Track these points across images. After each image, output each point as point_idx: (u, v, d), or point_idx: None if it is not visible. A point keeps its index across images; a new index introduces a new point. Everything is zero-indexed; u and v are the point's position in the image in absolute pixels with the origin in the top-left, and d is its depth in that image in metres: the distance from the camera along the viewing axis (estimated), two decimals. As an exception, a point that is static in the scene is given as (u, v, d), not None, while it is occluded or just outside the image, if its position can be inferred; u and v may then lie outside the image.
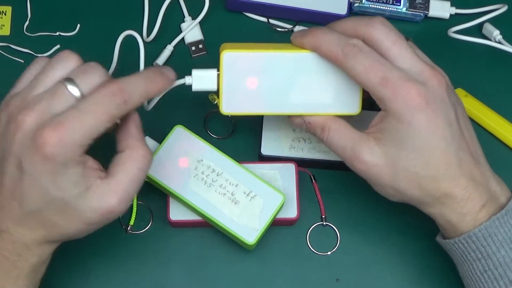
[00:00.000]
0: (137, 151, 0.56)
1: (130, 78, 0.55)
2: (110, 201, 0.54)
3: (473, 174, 0.58)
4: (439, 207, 0.58)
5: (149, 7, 0.73)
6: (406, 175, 0.57)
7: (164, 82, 0.57)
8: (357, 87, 0.60)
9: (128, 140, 0.56)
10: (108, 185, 0.55)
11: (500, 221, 0.57)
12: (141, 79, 0.56)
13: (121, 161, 0.56)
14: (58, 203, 0.54)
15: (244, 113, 0.61)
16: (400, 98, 0.56)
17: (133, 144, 0.56)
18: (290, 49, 0.60)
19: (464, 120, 0.59)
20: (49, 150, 0.52)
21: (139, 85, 0.55)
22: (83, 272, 0.66)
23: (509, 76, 0.74)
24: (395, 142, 0.57)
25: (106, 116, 0.53)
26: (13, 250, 0.55)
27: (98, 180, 0.54)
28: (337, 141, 0.60)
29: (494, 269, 0.57)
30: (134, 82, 0.55)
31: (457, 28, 0.73)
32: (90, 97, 0.53)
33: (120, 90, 0.54)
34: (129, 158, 0.56)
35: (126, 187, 0.55)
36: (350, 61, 0.57)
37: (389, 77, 0.56)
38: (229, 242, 0.67)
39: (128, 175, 0.55)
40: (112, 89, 0.53)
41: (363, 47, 0.57)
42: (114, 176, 0.55)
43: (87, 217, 0.55)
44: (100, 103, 0.53)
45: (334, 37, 0.58)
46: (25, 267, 0.56)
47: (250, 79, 0.60)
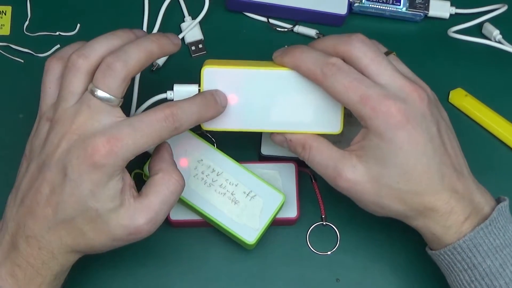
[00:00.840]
0: (170, 175, 0.58)
1: (184, 104, 0.57)
2: (139, 220, 0.56)
3: (456, 187, 0.58)
4: (423, 220, 0.59)
5: (149, 7, 0.73)
6: (389, 191, 0.58)
7: (217, 110, 0.59)
8: (339, 106, 0.60)
9: (162, 165, 0.58)
10: (140, 205, 0.56)
11: (484, 231, 0.57)
12: (195, 107, 0.57)
13: (155, 183, 0.57)
14: (91, 213, 0.55)
15: (225, 129, 0.62)
16: (380, 116, 0.56)
17: (167, 168, 0.58)
18: (271, 67, 0.60)
19: (448, 133, 0.60)
20: (100, 159, 0.53)
21: (192, 113, 0.57)
22: (83, 272, 0.66)
23: (509, 76, 0.74)
24: (377, 160, 0.57)
25: (157, 139, 0.55)
26: (39, 257, 0.55)
27: (132, 198, 0.56)
28: (319, 160, 0.60)
29: (481, 279, 0.58)
30: (188, 109, 0.57)
31: (457, 28, 0.73)
32: (145, 117, 0.55)
33: (173, 116, 0.55)
34: (162, 181, 0.57)
35: (157, 208, 0.56)
36: (329, 80, 0.57)
37: (369, 94, 0.56)
38: (229, 242, 0.67)
39: (159, 197, 0.57)
40: (166, 113, 0.55)
41: (342, 65, 0.57)
42: (146, 196, 0.56)
43: (114, 233, 0.56)
44: (153, 126, 0.55)
45: (313, 56, 0.58)
46: (48, 275, 0.56)
47: (230, 95, 0.60)
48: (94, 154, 0.53)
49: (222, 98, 0.60)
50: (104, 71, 0.55)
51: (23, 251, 0.55)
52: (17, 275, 0.55)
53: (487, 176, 0.63)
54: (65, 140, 0.54)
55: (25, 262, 0.55)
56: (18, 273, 0.55)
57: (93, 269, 0.66)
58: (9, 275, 0.55)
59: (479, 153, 0.70)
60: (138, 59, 0.55)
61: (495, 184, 0.63)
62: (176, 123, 0.56)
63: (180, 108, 0.56)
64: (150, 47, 0.56)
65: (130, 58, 0.55)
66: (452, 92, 0.73)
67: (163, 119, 0.55)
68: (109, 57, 0.55)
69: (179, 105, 0.56)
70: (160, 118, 0.55)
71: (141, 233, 0.57)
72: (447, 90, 0.73)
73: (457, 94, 0.72)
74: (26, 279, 0.55)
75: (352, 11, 0.74)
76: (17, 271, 0.55)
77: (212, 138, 0.69)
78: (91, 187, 0.54)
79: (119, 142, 0.53)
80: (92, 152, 0.53)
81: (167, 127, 0.55)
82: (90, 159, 0.53)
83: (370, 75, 0.57)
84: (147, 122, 0.55)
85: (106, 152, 0.53)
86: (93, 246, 0.56)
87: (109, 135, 0.54)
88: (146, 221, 0.56)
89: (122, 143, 0.53)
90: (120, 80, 0.55)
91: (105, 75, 0.55)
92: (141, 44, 0.56)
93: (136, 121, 0.55)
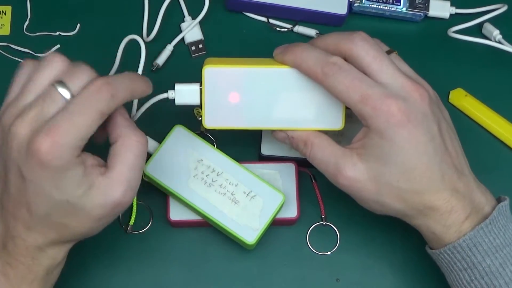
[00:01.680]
0: (129, 138, 0.55)
1: (115, 75, 0.55)
2: (114, 194, 0.54)
3: (456, 186, 0.58)
4: (423, 219, 0.59)
5: (149, 7, 0.73)
6: (389, 190, 0.58)
7: (146, 84, 0.57)
8: (340, 102, 0.60)
9: (117, 130, 0.56)
10: (109, 179, 0.54)
11: (484, 230, 0.57)
12: (125, 76, 0.56)
13: (117, 152, 0.55)
14: (64, 206, 0.54)
15: (227, 127, 0.62)
16: (381, 115, 0.56)
17: (124, 132, 0.56)
18: (272, 65, 0.60)
19: (449, 132, 0.60)
20: (44, 156, 0.51)
21: (124, 81, 0.55)
22: (83, 272, 0.66)
23: (509, 76, 0.74)
24: (377, 158, 0.57)
25: (96, 113, 0.53)
26: (27, 254, 0.55)
27: (100, 176, 0.54)
28: (320, 156, 0.60)
29: (481, 279, 0.58)
30: (119, 78, 0.55)
31: (457, 28, 0.73)
32: (78, 97, 0.53)
33: (105, 84, 0.53)
34: (123, 147, 0.55)
35: (128, 176, 0.55)
36: (330, 80, 0.57)
37: (369, 94, 0.56)
38: (229, 242, 0.67)
39: (126, 164, 0.55)
40: (98, 84, 0.53)
41: (343, 65, 0.57)
42: (113, 168, 0.55)
43: (95, 214, 0.55)
44: (88, 101, 0.53)
45: (314, 55, 0.58)
46: (40, 270, 0.56)
47: (232, 94, 0.60)
48: (37, 152, 0.51)
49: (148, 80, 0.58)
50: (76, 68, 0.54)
51: (11, 251, 0.55)
52: (8, 274, 0.55)
53: (487, 176, 0.63)
54: (15, 141, 0.53)
55: (15, 261, 0.55)
56: (9, 271, 0.55)
57: (93, 269, 0.66)
58: (1, 273, 0.55)
59: (479, 153, 0.70)
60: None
61: (496, 184, 0.63)
62: (111, 90, 0.53)
63: (111, 77, 0.54)
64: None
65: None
66: (452, 92, 0.73)
67: (96, 90, 0.53)
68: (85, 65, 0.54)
69: (109, 76, 0.54)
70: (93, 90, 0.53)
71: (121, 205, 0.55)
72: (447, 90, 0.73)
73: (457, 94, 0.72)
74: (18, 277, 0.55)
75: (352, 11, 0.74)
76: (8, 270, 0.55)
77: (212, 137, 0.69)
78: (51, 183, 0.53)
79: (57, 132, 0.51)
80: (36, 151, 0.51)
81: (102, 97, 0.53)
82: (36, 157, 0.52)
83: (372, 74, 0.57)
84: (80, 100, 0.53)
85: (48, 147, 0.51)
86: (80, 233, 0.56)
87: (47, 128, 0.52)
88: (121, 192, 0.55)
89: (60, 131, 0.52)
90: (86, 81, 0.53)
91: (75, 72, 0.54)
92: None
93: (71, 104, 0.53)
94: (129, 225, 0.68)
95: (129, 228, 0.68)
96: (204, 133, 0.68)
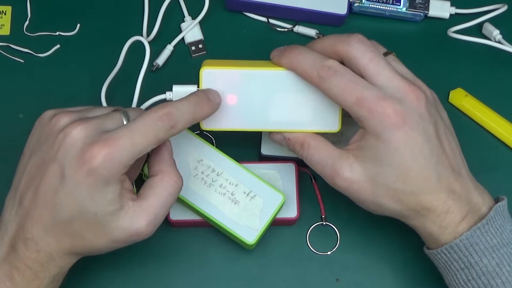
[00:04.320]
0: (169, 176, 0.58)
1: (178, 104, 0.57)
2: (139, 223, 0.56)
3: (453, 187, 0.58)
4: (420, 220, 0.59)
5: (149, 7, 0.73)
6: (386, 191, 0.58)
7: (211, 107, 0.59)
8: (337, 105, 0.60)
9: (161, 165, 0.58)
10: (139, 208, 0.56)
11: (481, 230, 0.57)
12: (189, 106, 0.58)
13: (153, 185, 0.57)
14: (90, 217, 0.55)
15: (224, 129, 0.62)
16: (377, 117, 0.56)
17: (166, 169, 0.58)
18: (269, 67, 0.60)
19: (446, 133, 0.60)
20: (96, 165, 0.53)
21: (186, 112, 0.57)
22: (83, 272, 0.66)
23: (509, 76, 0.74)
24: (374, 159, 0.57)
25: (154, 138, 0.55)
26: (37, 259, 0.55)
27: (131, 201, 0.56)
28: (317, 158, 0.60)
29: (478, 278, 0.58)
30: (182, 108, 0.57)
31: (457, 28, 0.73)
32: (140, 119, 0.55)
33: (168, 115, 0.56)
34: (161, 182, 0.57)
35: (156, 211, 0.57)
36: (326, 83, 0.57)
37: (365, 96, 0.56)
38: (229, 242, 0.67)
39: (158, 199, 0.57)
40: (161, 113, 0.55)
41: (338, 68, 0.57)
42: (145, 199, 0.57)
43: (114, 236, 0.56)
44: (149, 125, 0.55)
45: (310, 59, 0.58)
46: (46, 278, 0.56)
47: (230, 96, 0.61)
48: (91, 158, 0.53)
49: (215, 95, 0.60)
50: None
51: (21, 254, 0.55)
52: (15, 278, 0.55)
53: (487, 176, 0.63)
54: (65, 141, 0.54)
55: (23, 265, 0.55)
56: (16, 276, 0.55)
57: (93, 270, 0.66)
58: (7, 277, 0.55)
59: (479, 153, 0.70)
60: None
61: (495, 184, 0.63)
62: (172, 122, 0.56)
63: (175, 107, 0.56)
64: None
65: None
66: (452, 92, 0.73)
67: (158, 119, 0.55)
68: None
69: (174, 105, 0.56)
70: (156, 118, 0.55)
71: (141, 235, 0.57)
72: (447, 90, 0.73)
73: (457, 94, 0.72)
74: (24, 282, 0.55)
75: (352, 11, 0.74)
76: (15, 274, 0.55)
77: (211, 137, 0.69)
78: (88, 191, 0.54)
79: (116, 143, 0.53)
80: (90, 156, 0.53)
81: (163, 126, 0.55)
82: (87, 163, 0.53)
83: (368, 76, 0.57)
84: (143, 123, 0.55)
85: (103, 156, 0.53)
86: (92, 248, 0.56)
87: (106, 138, 0.54)
88: (146, 223, 0.56)
89: (118, 144, 0.54)
90: None
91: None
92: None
93: (132, 123, 0.55)
94: (129, 225, 0.68)
95: (129, 228, 0.68)
96: (203, 132, 0.68)
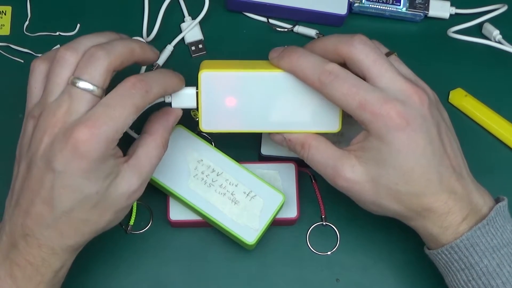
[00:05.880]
0: (160, 137, 0.58)
1: (148, 72, 0.58)
2: (135, 182, 0.57)
3: (454, 188, 0.58)
4: (421, 220, 0.59)
5: (149, 7, 0.73)
6: (387, 192, 0.58)
7: (178, 79, 0.60)
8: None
9: (156, 125, 0.59)
10: (133, 167, 0.57)
11: (481, 230, 0.57)
12: (158, 73, 0.58)
13: (144, 144, 0.58)
14: (91, 198, 0.55)
15: (224, 130, 0.62)
16: (380, 119, 0.56)
17: (158, 129, 0.59)
18: (269, 68, 0.60)
19: (448, 134, 0.60)
20: (82, 146, 0.53)
21: (157, 77, 0.57)
22: (83, 272, 0.66)
23: (509, 76, 0.74)
24: (376, 161, 0.57)
25: (133, 107, 0.55)
26: (38, 254, 0.55)
27: (125, 164, 0.57)
28: (318, 159, 0.60)
29: (478, 279, 0.58)
30: (152, 74, 0.57)
31: (457, 28, 0.73)
32: (114, 92, 0.55)
33: (140, 81, 0.55)
34: (152, 141, 0.58)
35: (148, 169, 0.58)
36: (327, 88, 0.57)
37: (367, 100, 0.56)
38: (229, 242, 0.67)
39: (149, 158, 0.58)
40: (132, 80, 0.55)
41: (339, 72, 0.57)
42: (138, 157, 0.57)
43: (117, 204, 0.56)
44: (124, 96, 0.55)
45: (310, 63, 0.58)
46: (48, 273, 0.56)
47: (229, 98, 0.61)
48: (76, 143, 0.53)
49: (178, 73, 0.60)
50: (86, 60, 0.55)
51: (22, 250, 0.55)
52: (16, 275, 0.55)
53: (487, 176, 0.63)
54: (47, 134, 0.54)
55: (24, 261, 0.55)
56: (17, 272, 0.55)
57: (93, 270, 0.66)
58: (8, 275, 0.55)
59: (479, 153, 0.70)
60: (121, 51, 0.56)
61: (495, 184, 0.63)
62: (146, 87, 0.56)
63: (144, 74, 0.57)
64: (133, 46, 0.57)
65: (113, 49, 0.56)
66: (452, 92, 0.73)
67: (131, 87, 0.55)
68: (93, 48, 0.56)
69: (143, 73, 0.57)
70: (129, 87, 0.55)
71: (136, 195, 0.57)
72: (447, 90, 0.73)
73: (457, 94, 0.72)
74: (25, 279, 0.55)
75: (352, 11, 0.74)
76: (16, 271, 0.55)
77: (209, 138, 0.69)
78: (83, 175, 0.54)
79: (96, 124, 0.53)
80: (74, 142, 0.53)
81: (137, 93, 0.55)
82: (73, 149, 0.53)
83: (371, 77, 0.57)
84: (116, 94, 0.55)
85: (87, 138, 0.53)
86: (97, 228, 0.57)
87: (86, 119, 0.53)
88: (140, 182, 0.57)
89: (99, 122, 0.53)
90: (102, 68, 0.55)
91: (87, 64, 0.55)
92: (125, 40, 0.58)
93: (106, 98, 0.55)
94: (129, 225, 0.68)
95: (129, 228, 0.68)
96: (202, 133, 0.68)
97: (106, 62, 0.55)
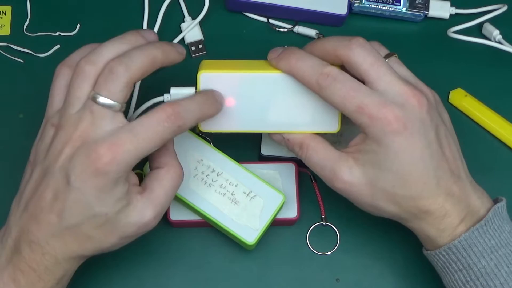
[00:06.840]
0: (174, 169, 0.58)
1: (185, 103, 0.56)
2: (148, 215, 0.57)
3: (452, 191, 0.58)
4: (418, 222, 0.59)
5: (149, 7, 0.73)
6: (384, 194, 0.58)
7: (216, 107, 0.59)
8: None
9: (166, 158, 0.58)
10: (147, 200, 0.57)
11: (479, 231, 0.58)
12: (197, 105, 0.57)
13: (159, 177, 0.58)
14: (99, 218, 0.55)
15: (223, 130, 0.62)
16: (378, 123, 0.56)
17: (171, 162, 0.58)
18: (268, 69, 0.60)
19: (447, 136, 0.59)
20: (103, 166, 0.53)
21: (193, 111, 0.57)
22: (83, 272, 0.66)
23: (509, 76, 0.74)
24: (374, 164, 0.58)
25: (159, 141, 0.55)
26: (42, 262, 0.55)
27: (138, 195, 0.56)
28: (316, 160, 0.60)
29: (476, 280, 0.58)
30: (190, 107, 0.56)
31: (457, 28, 0.73)
32: (146, 120, 0.54)
33: (175, 114, 0.55)
34: (167, 174, 0.58)
35: (163, 202, 0.57)
36: (325, 91, 0.57)
37: (365, 103, 0.56)
38: (229, 242, 0.67)
39: (164, 191, 0.58)
40: (168, 113, 0.55)
41: (337, 75, 0.57)
42: (152, 191, 0.57)
43: (124, 232, 0.56)
44: (155, 129, 0.55)
45: (308, 65, 0.58)
46: (50, 280, 0.56)
47: (227, 98, 0.61)
48: (96, 161, 0.53)
49: (219, 96, 0.60)
50: (106, 76, 0.54)
51: (26, 256, 0.55)
52: (19, 280, 0.55)
53: (486, 176, 0.63)
54: (68, 146, 0.54)
55: (27, 267, 0.55)
56: (20, 278, 0.55)
57: (94, 270, 0.66)
58: (12, 279, 0.55)
59: (479, 153, 0.70)
60: (141, 64, 0.55)
61: (495, 184, 0.63)
62: (179, 122, 0.55)
63: (182, 106, 0.56)
64: (154, 53, 0.56)
65: (132, 63, 0.55)
66: (452, 92, 0.73)
67: (164, 119, 0.55)
68: (112, 62, 0.55)
69: (180, 103, 0.56)
70: (162, 119, 0.55)
71: (148, 227, 0.57)
72: (447, 90, 0.73)
73: (457, 94, 0.72)
74: (28, 284, 0.55)
75: (352, 11, 0.74)
76: (19, 276, 0.55)
77: (208, 139, 0.69)
78: (96, 194, 0.54)
79: (120, 149, 0.53)
80: (95, 160, 0.53)
81: (169, 127, 0.55)
82: (93, 166, 0.53)
83: (369, 81, 0.57)
84: (148, 125, 0.54)
85: (108, 160, 0.53)
86: (100, 248, 0.57)
87: (110, 142, 0.54)
88: (154, 215, 0.57)
89: (123, 149, 0.53)
90: (122, 84, 0.54)
91: (106, 80, 0.54)
92: (145, 49, 0.56)
93: (137, 125, 0.54)
94: (129, 225, 0.68)
95: (129, 228, 0.68)
96: (201, 133, 0.68)
97: (125, 78, 0.54)
